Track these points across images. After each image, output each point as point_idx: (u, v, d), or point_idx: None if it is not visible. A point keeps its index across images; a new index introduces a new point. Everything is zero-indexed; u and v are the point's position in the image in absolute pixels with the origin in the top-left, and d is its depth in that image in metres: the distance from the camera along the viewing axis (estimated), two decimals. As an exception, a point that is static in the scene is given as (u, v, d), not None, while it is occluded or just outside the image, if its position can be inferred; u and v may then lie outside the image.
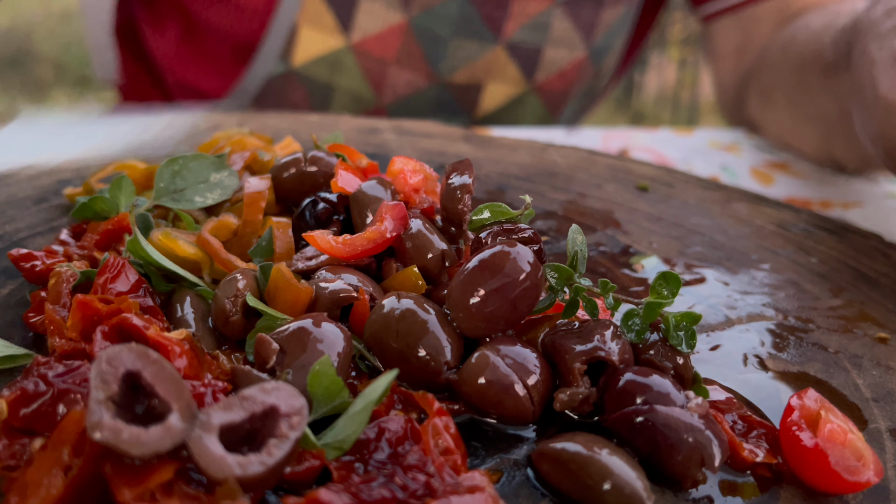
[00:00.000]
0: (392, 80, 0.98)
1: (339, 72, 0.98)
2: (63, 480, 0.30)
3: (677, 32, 3.78)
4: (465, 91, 1.00)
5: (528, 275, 0.38)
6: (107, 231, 0.47)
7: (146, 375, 0.31)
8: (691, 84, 3.62)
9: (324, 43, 0.96)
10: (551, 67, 1.01)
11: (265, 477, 0.29)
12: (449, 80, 0.98)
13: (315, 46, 0.97)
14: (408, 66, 0.97)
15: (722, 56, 1.04)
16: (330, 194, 0.49)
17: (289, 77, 0.99)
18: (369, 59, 0.97)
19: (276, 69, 0.98)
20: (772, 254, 0.59)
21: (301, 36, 0.96)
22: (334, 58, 0.97)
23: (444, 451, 0.34)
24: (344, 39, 0.96)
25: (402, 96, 0.99)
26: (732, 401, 0.41)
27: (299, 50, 0.97)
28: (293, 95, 1.00)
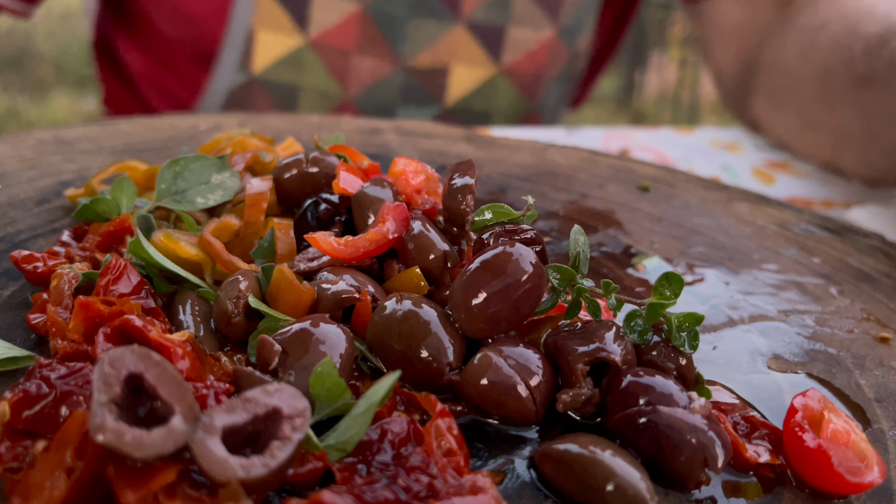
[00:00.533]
0: (356, 70, 0.98)
1: (301, 71, 0.98)
2: (66, 482, 0.30)
3: (677, 32, 3.78)
4: (431, 76, 0.99)
5: (530, 276, 0.38)
6: (108, 232, 0.47)
7: (149, 377, 0.30)
8: (692, 84, 3.62)
9: (282, 44, 0.96)
10: (518, 48, 0.99)
11: (268, 479, 0.29)
12: (413, 65, 0.98)
13: (274, 49, 0.96)
14: (370, 53, 0.97)
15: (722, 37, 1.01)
16: (331, 195, 0.49)
17: (251, 86, 0.99)
18: (330, 52, 0.97)
19: (236, 79, 0.98)
20: (774, 254, 0.58)
21: (258, 40, 0.96)
22: (295, 58, 0.97)
23: (447, 452, 0.34)
24: (302, 37, 0.95)
25: (368, 85, 0.98)
26: (735, 402, 0.41)
27: (258, 55, 0.96)
28: (257, 103, 1.00)
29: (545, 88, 1.06)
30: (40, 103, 2.97)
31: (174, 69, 1.04)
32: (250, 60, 0.97)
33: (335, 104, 1.00)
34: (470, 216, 0.45)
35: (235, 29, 0.95)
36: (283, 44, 0.96)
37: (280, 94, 0.99)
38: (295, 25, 0.95)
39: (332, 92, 0.99)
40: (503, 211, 0.44)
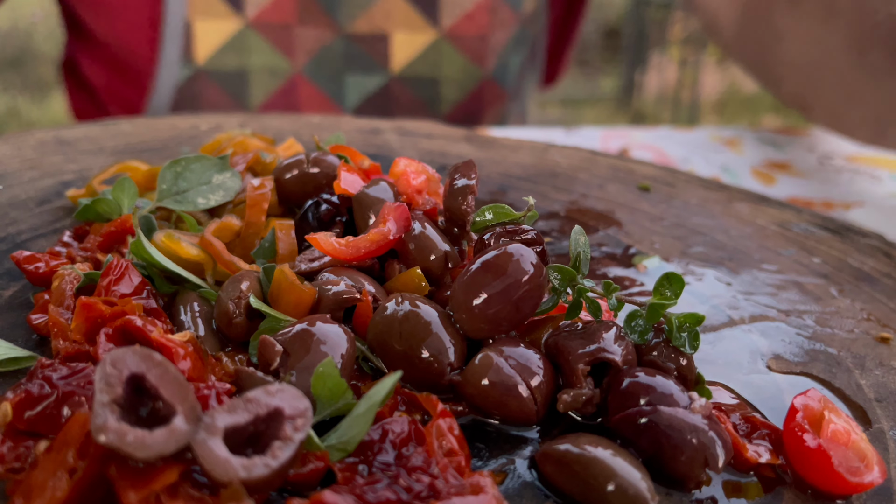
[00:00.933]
0: (300, 41, 0.98)
1: (246, 53, 0.98)
2: (68, 483, 0.30)
3: (678, 32, 3.78)
4: (373, 42, 0.99)
5: (531, 276, 0.38)
6: (110, 233, 0.47)
7: (150, 378, 0.31)
8: (692, 84, 3.62)
9: (222, 30, 0.96)
10: (454, 10, 0.99)
11: (270, 479, 0.30)
12: (353, 31, 0.98)
13: (214, 36, 0.96)
14: (310, 23, 0.97)
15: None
16: (332, 196, 0.49)
17: (198, 78, 0.99)
18: (272, 28, 0.97)
19: (181, 74, 0.98)
20: (774, 254, 0.59)
21: (197, 30, 0.96)
22: (237, 41, 0.97)
23: (448, 452, 0.34)
24: (241, 19, 0.96)
25: (314, 54, 0.99)
26: (736, 402, 0.41)
27: (199, 46, 0.96)
28: (207, 94, 1.00)
29: (495, 54, 1.05)
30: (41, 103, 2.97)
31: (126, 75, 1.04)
32: (192, 52, 0.97)
33: (285, 79, 1.00)
34: (471, 216, 0.45)
35: (172, 22, 0.95)
36: (223, 29, 0.96)
37: (229, 81, 0.99)
38: (231, 9, 0.95)
39: (281, 67, 0.99)
40: (504, 211, 0.44)
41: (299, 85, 1.00)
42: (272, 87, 1.00)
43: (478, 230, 0.45)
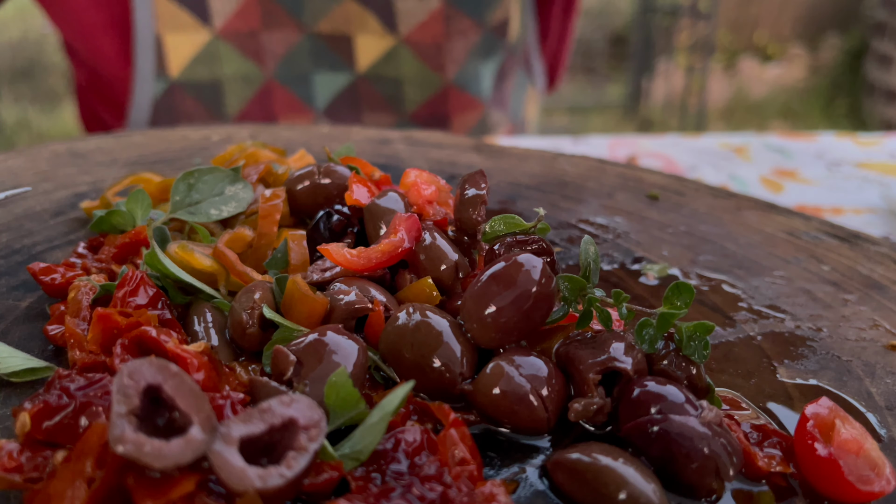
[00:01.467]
0: (268, 45, 1.00)
1: (218, 63, 0.99)
2: (86, 492, 0.30)
3: (684, 39, 3.78)
4: (337, 42, 1.02)
5: (541, 286, 0.39)
6: (124, 244, 0.48)
7: (167, 389, 0.31)
8: (699, 90, 3.62)
9: (191, 42, 0.98)
10: (410, 19, 1.02)
11: (285, 488, 0.30)
12: (318, 31, 1.00)
13: (185, 49, 0.98)
14: (276, 26, 0.99)
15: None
16: (344, 206, 0.49)
17: (172, 91, 1.00)
18: (239, 36, 0.98)
19: (157, 89, 0.99)
20: (783, 262, 0.59)
21: (168, 44, 0.97)
22: (208, 52, 0.98)
23: (461, 461, 0.34)
24: (209, 31, 0.97)
25: (283, 56, 1.00)
26: (746, 410, 0.41)
27: (171, 60, 0.98)
28: (182, 107, 1.01)
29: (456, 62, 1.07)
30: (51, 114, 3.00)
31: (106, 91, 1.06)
32: (166, 66, 0.98)
33: (259, 86, 1.02)
34: (481, 226, 0.46)
35: (142, 38, 0.96)
36: (192, 42, 0.98)
37: (203, 92, 1.01)
38: (198, 21, 0.96)
39: (252, 74, 1.01)
40: (514, 221, 0.45)
41: (273, 90, 1.01)
42: (247, 95, 1.01)
43: (488, 240, 0.45)
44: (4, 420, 0.36)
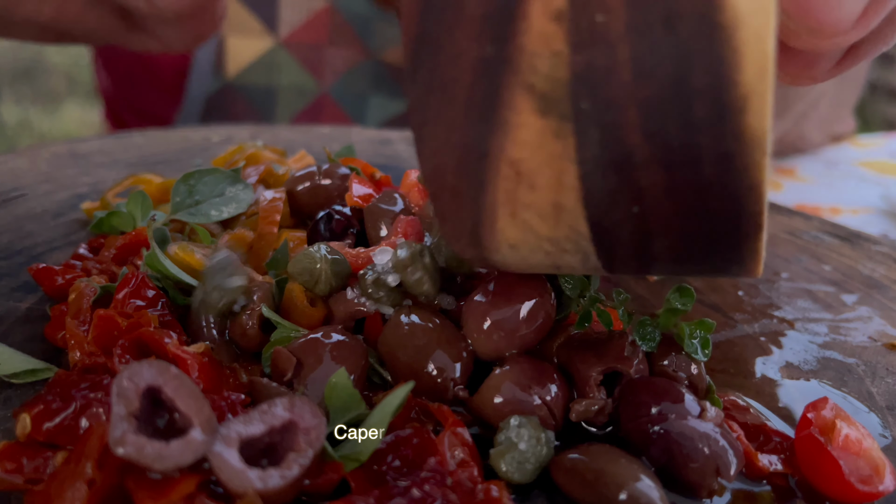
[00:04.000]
0: (330, 60, 0.99)
1: (276, 71, 0.99)
2: (86, 493, 0.30)
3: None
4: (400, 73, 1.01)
5: (542, 298, 0.39)
6: (124, 245, 0.48)
7: (167, 391, 0.31)
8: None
9: (254, 47, 0.97)
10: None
11: (285, 490, 0.30)
12: (383, 58, 0.99)
13: (246, 53, 0.98)
14: (342, 45, 0.99)
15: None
16: (344, 207, 0.49)
17: (226, 91, 1.00)
18: (303, 48, 0.98)
19: (212, 87, 0.99)
20: (784, 261, 0.59)
21: (229, 46, 0.97)
22: (268, 59, 0.98)
23: (461, 463, 0.34)
24: (273, 38, 0.97)
25: (342, 73, 1.00)
26: (747, 410, 0.41)
27: (231, 61, 0.98)
28: (234, 108, 1.01)
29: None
30: (52, 115, 3.00)
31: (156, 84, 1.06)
32: (224, 66, 0.98)
33: (312, 98, 1.01)
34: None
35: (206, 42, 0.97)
36: (255, 47, 0.98)
37: (257, 98, 1.01)
38: (265, 27, 0.96)
39: (308, 86, 1.01)
40: None
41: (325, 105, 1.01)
42: (299, 106, 1.01)
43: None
44: (5, 421, 0.36)
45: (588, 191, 0.29)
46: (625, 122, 0.27)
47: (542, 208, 0.30)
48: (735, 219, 0.28)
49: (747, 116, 0.26)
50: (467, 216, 0.32)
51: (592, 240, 0.30)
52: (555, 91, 0.27)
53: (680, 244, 0.30)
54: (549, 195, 0.29)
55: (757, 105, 0.26)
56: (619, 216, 0.29)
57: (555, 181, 0.29)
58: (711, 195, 0.28)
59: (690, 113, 0.26)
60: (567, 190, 0.29)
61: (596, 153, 0.28)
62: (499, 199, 0.30)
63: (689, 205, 0.28)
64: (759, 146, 0.26)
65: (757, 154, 0.26)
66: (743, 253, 0.30)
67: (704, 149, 0.27)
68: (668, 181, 0.28)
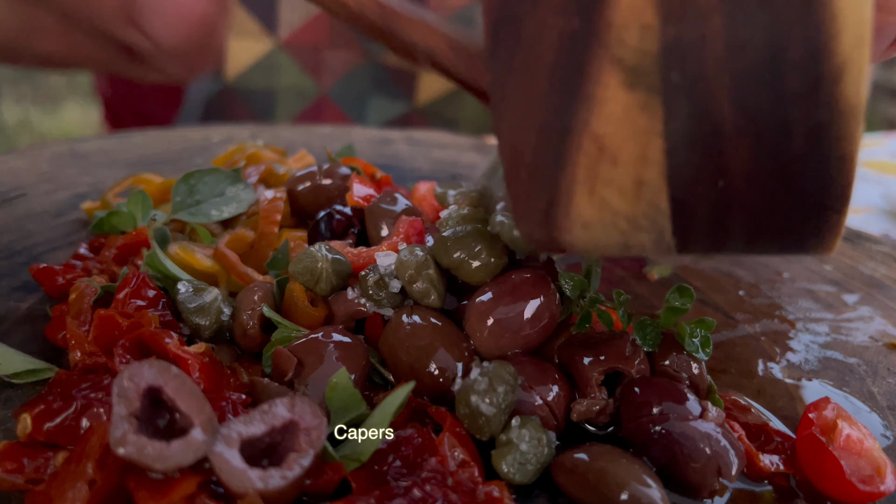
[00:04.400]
0: (329, 62, 0.99)
1: (276, 74, 0.99)
2: (87, 493, 0.30)
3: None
4: (401, 75, 1.01)
5: (547, 300, 0.38)
6: (125, 245, 0.48)
7: (168, 391, 0.31)
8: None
9: (253, 50, 0.97)
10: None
11: (286, 490, 0.30)
12: (382, 60, 0.99)
13: (245, 56, 0.97)
14: (342, 47, 0.98)
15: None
16: (345, 207, 0.49)
17: (225, 94, 0.99)
18: (303, 50, 0.98)
19: (211, 89, 0.99)
20: (785, 261, 0.59)
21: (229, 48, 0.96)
22: (268, 61, 0.98)
23: (461, 463, 0.34)
24: (272, 40, 0.96)
25: (341, 75, 1.00)
26: (748, 410, 0.41)
27: (230, 64, 0.97)
28: (234, 111, 1.01)
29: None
30: (52, 114, 3.00)
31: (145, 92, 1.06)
32: (222, 69, 0.98)
33: (311, 100, 1.01)
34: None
35: None
36: (254, 49, 0.97)
37: (256, 100, 1.00)
38: (264, 29, 0.96)
39: (308, 89, 1.01)
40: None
41: (325, 107, 1.01)
42: (299, 108, 1.01)
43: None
44: (6, 421, 0.36)
45: (673, 165, 0.28)
46: (715, 94, 0.27)
47: (623, 184, 0.29)
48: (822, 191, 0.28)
49: (843, 86, 0.26)
50: (543, 195, 0.31)
51: (671, 216, 0.30)
52: (643, 64, 0.27)
53: (760, 219, 0.29)
54: (631, 170, 0.29)
55: (854, 74, 0.25)
56: (702, 191, 0.29)
57: (639, 156, 0.28)
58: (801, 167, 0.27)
59: (784, 83, 0.26)
60: (651, 164, 0.28)
61: (684, 126, 0.27)
62: (578, 177, 0.30)
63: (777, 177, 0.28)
64: (854, 116, 0.26)
65: (851, 124, 0.26)
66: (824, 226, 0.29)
67: (796, 120, 0.26)
68: (757, 154, 0.27)
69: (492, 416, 0.34)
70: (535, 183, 0.31)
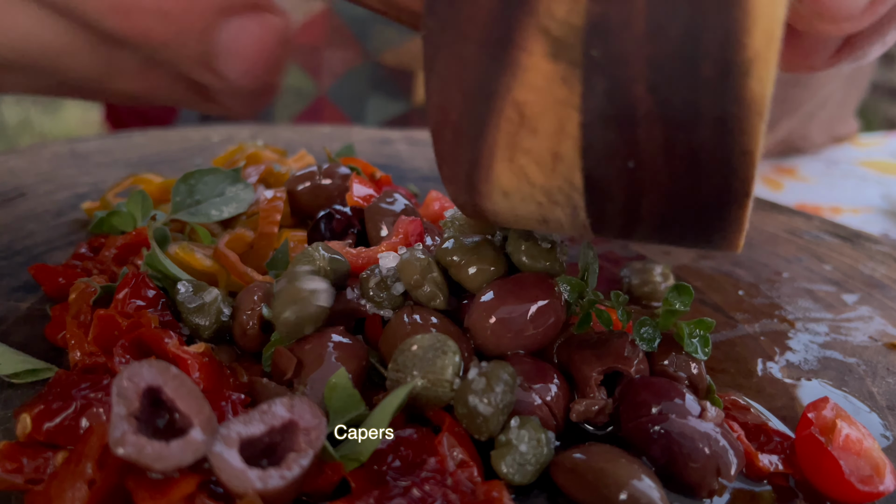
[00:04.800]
0: (328, 62, 1.00)
1: None
2: (86, 493, 0.30)
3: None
4: (398, 75, 1.01)
5: (550, 300, 0.38)
6: (124, 245, 0.48)
7: (167, 391, 0.31)
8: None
9: None
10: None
11: (285, 490, 0.30)
12: (381, 61, 1.00)
13: None
14: (340, 46, 0.99)
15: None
16: (344, 207, 0.49)
17: None
18: (301, 49, 0.98)
19: None
20: (784, 261, 0.59)
21: None
22: None
23: (461, 463, 0.34)
24: None
25: (340, 75, 1.00)
26: (747, 410, 0.41)
27: None
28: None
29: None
30: (53, 114, 3.00)
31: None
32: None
33: (310, 100, 1.01)
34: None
35: None
36: None
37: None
38: None
39: (307, 89, 1.01)
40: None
41: (324, 106, 1.01)
42: (297, 108, 1.01)
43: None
44: (5, 421, 0.36)
45: (587, 141, 0.29)
46: (632, 75, 0.27)
47: (541, 155, 0.30)
48: (725, 183, 0.29)
49: (751, 80, 0.26)
50: (465, 157, 0.32)
51: (584, 193, 0.30)
52: (568, 37, 0.28)
53: (668, 205, 0.30)
54: (548, 142, 0.30)
55: (761, 70, 0.26)
56: (613, 170, 0.29)
57: (556, 128, 0.29)
58: (706, 156, 0.28)
59: (697, 72, 0.27)
60: (567, 138, 0.29)
61: (600, 103, 0.28)
62: (499, 142, 0.30)
63: (683, 164, 0.29)
64: (757, 111, 0.27)
65: (755, 119, 0.27)
66: (728, 220, 0.30)
67: (705, 109, 0.27)
68: (666, 139, 0.28)
69: (490, 416, 0.34)
70: (459, 144, 0.32)
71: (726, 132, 0.27)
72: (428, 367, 0.35)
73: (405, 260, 0.40)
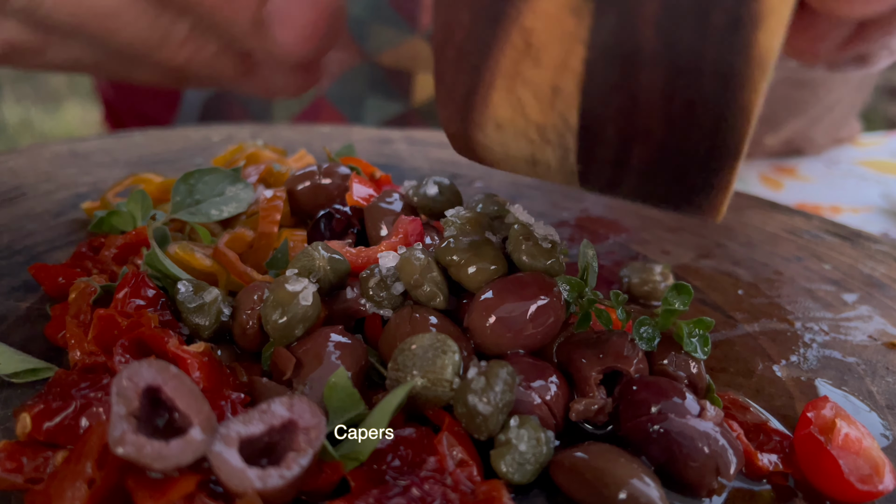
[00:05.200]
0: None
1: None
2: (86, 493, 0.30)
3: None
4: (397, 75, 1.01)
5: (550, 301, 0.39)
6: (124, 245, 0.48)
7: (167, 390, 0.31)
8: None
9: None
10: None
11: (285, 489, 0.30)
12: (378, 61, 0.99)
13: None
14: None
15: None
16: (344, 206, 0.49)
17: (223, 95, 0.99)
18: None
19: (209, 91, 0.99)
20: (784, 261, 0.59)
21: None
22: None
23: (460, 462, 0.34)
24: None
25: (339, 76, 1.00)
26: (747, 409, 0.41)
27: None
28: (231, 113, 1.01)
29: None
30: (53, 114, 3.00)
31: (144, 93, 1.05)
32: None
33: (308, 101, 1.01)
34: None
35: None
36: None
37: (253, 100, 1.00)
38: None
39: None
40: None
41: (322, 107, 1.01)
42: (295, 109, 1.01)
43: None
44: (5, 421, 0.36)
45: (589, 77, 0.29)
46: (643, 14, 0.27)
47: (540, 88, 0.30)
48: (719, 138, 0.28)
49: (760, 33, 0.26)
50: (465, 80, 0.31)
51: (578, 134, 0.30)
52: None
53: (659, 154, 0.30)
54: (550, 75, 0.29)
55: (773, 24, 0.26)
56: (610, 112, 0.29)
57: (560, 61, 0.29)
58: (704, 106, 0.28)
59: (707, 19, 0.26)
60: (569, 73, 0.29)
61: (607, 39, 0.28)
62: (501, 68, 0.30)
63: (680, 113, 0.28)
64: (761, 66, 0.27)
65: (757, 74, 0.27)
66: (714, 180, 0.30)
67: (709, 58, 0.27)
68: (667, 83, 0.28)
69: (489, 416, 0.34)
70: (460, 65, 0.31)
71: (727, 85, 0.27)
72: (427, 367, 0.35)
73: (405, 259, 0.40)
